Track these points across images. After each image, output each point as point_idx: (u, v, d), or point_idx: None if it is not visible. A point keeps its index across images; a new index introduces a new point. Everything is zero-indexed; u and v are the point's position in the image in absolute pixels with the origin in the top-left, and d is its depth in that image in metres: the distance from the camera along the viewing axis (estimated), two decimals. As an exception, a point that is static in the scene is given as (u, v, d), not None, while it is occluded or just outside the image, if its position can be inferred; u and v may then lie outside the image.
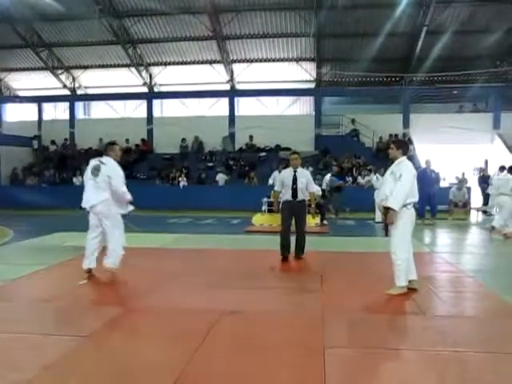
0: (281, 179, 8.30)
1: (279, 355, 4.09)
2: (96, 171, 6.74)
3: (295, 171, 8.15)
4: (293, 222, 8.31)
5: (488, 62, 22.54)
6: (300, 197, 8.15)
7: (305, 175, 8.25)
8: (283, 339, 4.49)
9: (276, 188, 8.48)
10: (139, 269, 7.73)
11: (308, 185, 8.22)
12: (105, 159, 6.84)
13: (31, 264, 7.93)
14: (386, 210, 5.92)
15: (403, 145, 6.29)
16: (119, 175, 6.78)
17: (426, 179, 13.61)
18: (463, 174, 18.96)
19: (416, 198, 6.05)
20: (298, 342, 4.44)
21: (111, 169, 6.73)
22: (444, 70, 22.08)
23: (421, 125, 21.89)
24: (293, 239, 8.32)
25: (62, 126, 24.83)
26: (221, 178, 20.46)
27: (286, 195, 8.17)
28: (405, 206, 5.86)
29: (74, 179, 20.99)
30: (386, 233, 6.19)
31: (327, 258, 8.39)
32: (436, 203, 14.19)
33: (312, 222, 12.78)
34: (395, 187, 5.85)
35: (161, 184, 20.84)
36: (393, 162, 6.20)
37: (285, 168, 8.87)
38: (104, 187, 6.67)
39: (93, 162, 6.88)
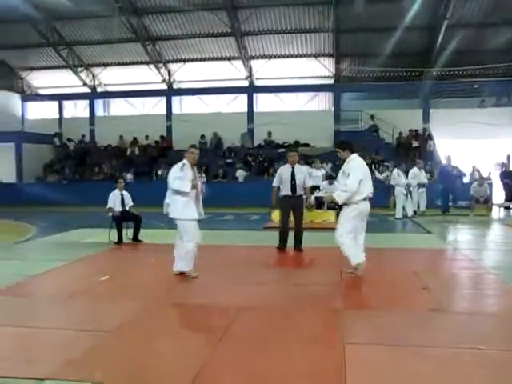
0: (279, 175, 8.75)
1: (298, 351, 4.09)
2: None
3: (293, 167, 8.64)
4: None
5: (510, 55, 22.13)
6: (298, 192, 8.63)
7: (302, 171, 8.82)
8: (302, 335, 4.49)
9: (274, 184, 8.87)
10: (160, 264, 7.80)
11: (305, 180, 8.74)
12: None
13: (52, 260, 8.06)
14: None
15: (347, 145, 6.70)
16: (172, 176, 6.81)
17: (447, 175, 13.52)
18: (478, 170, 18.65)
19: (366, 193, 6.48)
20: (318, 337, 4.45)
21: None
22: (465, 64, 21.72)
23: (441, 120, 21.62)
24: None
25: (83, 124, 25.11)
26: (240, 174, 20.51)
27: (285, 190, 8.67)
28: (353, 202, 6.40)
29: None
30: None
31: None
32: (455, 199, 14.01)
33: (331, 218, 12.78)
34: (343, 185, 6.43)
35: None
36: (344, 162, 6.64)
37: (307, 164, 9.06)
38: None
39: None
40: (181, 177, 6.61)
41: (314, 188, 15.64)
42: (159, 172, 21.10)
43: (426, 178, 15.64)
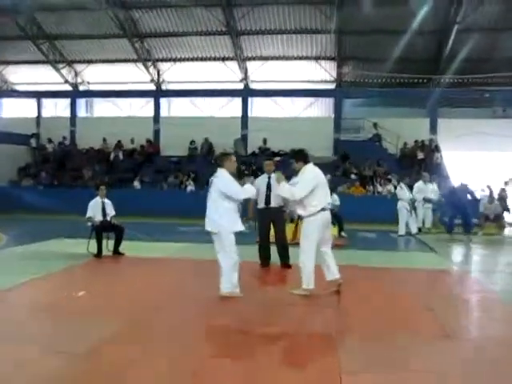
0: (256, 187, 8.60)
1: (288, 381, 4.03)
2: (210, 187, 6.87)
3: (269, 177, 8.69)
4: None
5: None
6: (274, 203, 8.66)
7: None
8: (293, 362, 4.45)
9: None
10: (143, 278, 7.75)
11: None
12: (218, 172, 6.84)
13: (23, 272, 7.95)
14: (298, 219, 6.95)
15: (300, 155, 6.88)
16: (234, 186, 6.73)
17: (455, 197, 13.71)
18: (489, 187, 18.73)
19: (324, 204, 6.67)
20: (311, 364, 4.40)
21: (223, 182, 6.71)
22: (475, 72, 21.88)
23: (449, 130, 21.73)
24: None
25: (63, 124, 25.06)
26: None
27: (261, 202, 8.74)
28: (310, 215, 6.58)
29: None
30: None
31: (345, 273, 8.30)
32: (470, 219, 14.02)
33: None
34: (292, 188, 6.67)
35: (168, 188, 20.90)
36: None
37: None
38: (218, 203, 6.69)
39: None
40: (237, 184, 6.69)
41: None
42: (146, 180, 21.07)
43: (435, 192, 15.60)
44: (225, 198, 6.61)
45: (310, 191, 6.59)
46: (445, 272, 9.18)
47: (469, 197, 14.43)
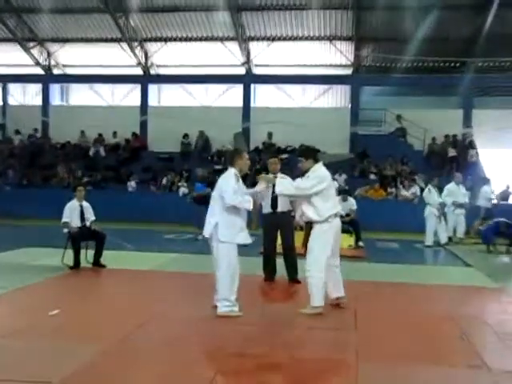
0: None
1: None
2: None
3: (275, 177, 8.53)
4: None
5: None
6: (282, 207, 8.67)
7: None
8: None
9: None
10: (126, 295, 7.74)
11: None
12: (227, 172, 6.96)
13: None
14: (308, 226, 6.95)
15: (311, 152, 7.09)
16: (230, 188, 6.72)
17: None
18: None
19: (337, 209, 6.87)
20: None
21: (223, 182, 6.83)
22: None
23: (486, 123, 21.68)
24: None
25: (33, 114, 25.10)
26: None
27: (266, 207, 8.73)
28: (324, 220, 6.67)
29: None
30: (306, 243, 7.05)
31: (363, 289, 8.33)
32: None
33: (345, 243, 12.72)
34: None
35: (156, 191, 20.89)
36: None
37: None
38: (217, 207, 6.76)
39: None
40: (237, 190, 6.65)
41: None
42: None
43: (466, 195, 15.59)
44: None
45: (321, 189, 6.67)
46: (483, 290, 9.14)
47: None
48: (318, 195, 6.70)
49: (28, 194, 20.37)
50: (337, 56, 24.49)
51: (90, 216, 10.27)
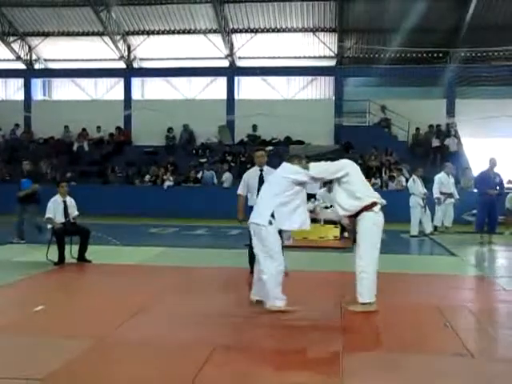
0: (245, 181, 8.82)
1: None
2: None
3: (261, 170, 8.69)
4: None
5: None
6: None
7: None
8: (292, 385, 4.45)
9: (239, 191, 8.91)
10: (112, 291, 7.71)
11: None
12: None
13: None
14: (350, 219, 6.79)
15: (339, 154, 6.96)
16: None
17: (488, 184, 13.34)
18: None
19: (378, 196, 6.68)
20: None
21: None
22: (501, 44, 21.95)
23: (469, 113, 21.82)
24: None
25: (15, 109, 24.91)
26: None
27: (253, 199, 8.59)
28: (368, 209, 6.47)
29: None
30: (354, 239, 6.84)
31: (349, 280, 8.32)
32: (497, 215, 13.89)
33: (330, 234, 12.79)
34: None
35: (141, 184, 20.84)
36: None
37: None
38: None
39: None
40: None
41: (310, 197, 15.63)
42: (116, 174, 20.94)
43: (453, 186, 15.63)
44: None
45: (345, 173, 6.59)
46: (468, 279, 9.22)
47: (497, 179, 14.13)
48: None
49: (9, 190, 20.11)
50: (320, 47, 24.51)
51: (74, 211, 10.24)
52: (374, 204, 6.51)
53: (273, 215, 6.35)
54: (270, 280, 6.35)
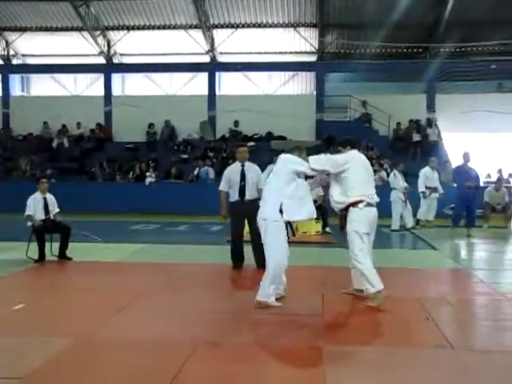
0: (227, 177, 8.96)
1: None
2: None
3: (243, 166, 8.86)
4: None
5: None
6: (250, 195, 8.79)
7: (255, 170, 8.96)
8: (273, 379, 4.47)
9: (221, 187, 9.06)
10: (93, 288, 7.68)
11: (258, 180, 8.87)
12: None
13: None
14: (342, 213, 6.84)
15: (349, 140, 7.23)
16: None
17: (464, 178, 13.51)
18: (500, 171, 19.12)
19: (368, 194, 6.83)
20: (292, 383, 4.42)
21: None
22: (480, 39, 22.14)
23: (449, 108, 22.00)
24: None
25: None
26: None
27: (234, 195, 8.85)
28: (355, 204, 6.68)
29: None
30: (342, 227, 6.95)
31: (331, 274, 8.41)
32: (475, 210, 14.03)
33: (312, 229, 12.82)
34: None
35: (122, 181, 20.74)
36: None
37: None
38: None
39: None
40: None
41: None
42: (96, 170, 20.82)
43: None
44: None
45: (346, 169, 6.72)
46: (448, 272, 9.31)
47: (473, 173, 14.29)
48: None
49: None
50: (301, 43, 24.54)
51: (54, 208, 10.16)
52: (360, 201, 6.68)
53: (281, 209, 6.40)
54: (268, 276, 6.46)
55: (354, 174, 6.76)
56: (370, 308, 6.53)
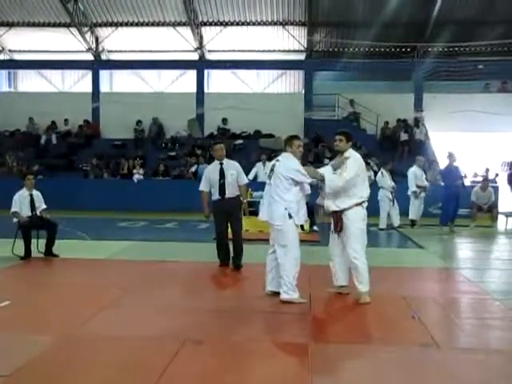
0: (206, 176, 8.98)
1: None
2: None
3: (221, 164, 8.87)
4: None
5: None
6: (230, 193, 8.82)
7: (234, 167, 8.96)
8: (259, 377, 4.47)
9: (201, 187, 9.04)
10: (79, 285, 7.64)
11: (238, 177, 8.92)
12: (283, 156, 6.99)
13: None
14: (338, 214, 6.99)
15: (352, 137, 7.20)
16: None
17: (451, 177, 13.71)
18: (487, 171, 19.22)
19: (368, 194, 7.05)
20: (278, 380, 4.42)
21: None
22: (468, 39, 22.22)
23: (437, 107, 22.06)
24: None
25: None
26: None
27: (215, 194, 8.84)
28: (359, 204, 6.87)
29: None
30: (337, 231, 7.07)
31: (318, 273, 8.38)
32: (459, 207, 14.21)
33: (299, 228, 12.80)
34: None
35: (110, 178, 20.63)
36: (336, 154, 7.32)
37: (269, 159, 9.15)
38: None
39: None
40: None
41: None
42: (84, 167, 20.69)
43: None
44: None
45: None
46: (434, 271, 9.35)
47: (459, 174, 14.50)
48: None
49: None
50: (290, 41, 24.54)
51: (41, 205, 10.10)
52: (364, 201, 6.94)
53: (289, 214, 6.64)
54: (287, 272, 6.57)
55: (361, 178, 6.97)
56: (357, 306, 6.56)
